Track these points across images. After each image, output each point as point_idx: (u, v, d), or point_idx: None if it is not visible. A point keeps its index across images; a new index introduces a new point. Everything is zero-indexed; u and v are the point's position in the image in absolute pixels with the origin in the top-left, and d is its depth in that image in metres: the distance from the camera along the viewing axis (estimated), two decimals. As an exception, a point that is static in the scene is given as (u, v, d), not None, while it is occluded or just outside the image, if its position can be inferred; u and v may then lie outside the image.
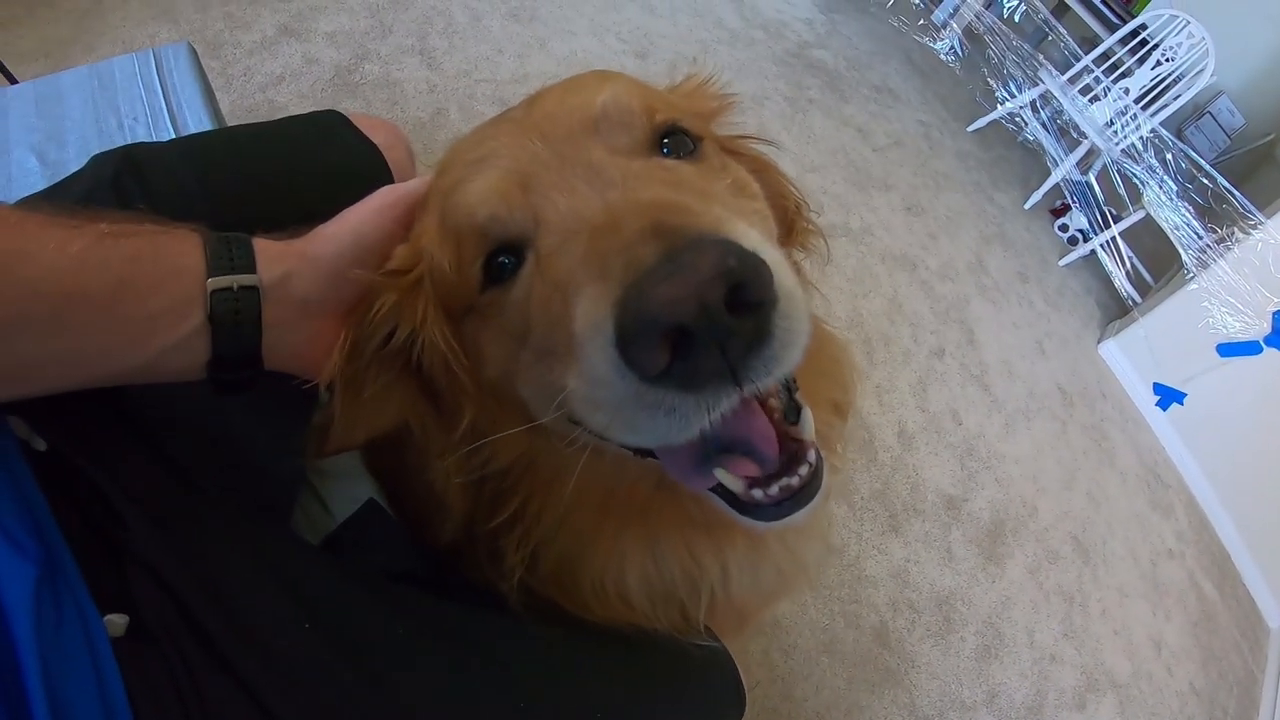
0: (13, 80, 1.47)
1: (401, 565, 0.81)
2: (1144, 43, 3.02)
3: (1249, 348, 2.49)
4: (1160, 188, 2.76)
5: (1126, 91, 2.97)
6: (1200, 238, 2.63)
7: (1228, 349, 2.53)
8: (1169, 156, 2.81)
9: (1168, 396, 2.68)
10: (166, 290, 0.48)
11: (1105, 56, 3.12)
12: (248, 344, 0.53)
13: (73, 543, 0.50)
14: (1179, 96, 2.81)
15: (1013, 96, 3.26)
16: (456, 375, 0.58)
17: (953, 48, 3.72)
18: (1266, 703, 2.23)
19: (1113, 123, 2.99)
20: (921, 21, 3.85)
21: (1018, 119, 3.28)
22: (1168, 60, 2.89)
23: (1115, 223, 2.93)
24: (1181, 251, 2.65)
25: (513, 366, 0.55)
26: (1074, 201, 3.10)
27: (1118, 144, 2.90)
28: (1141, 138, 2.86)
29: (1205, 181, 2.69)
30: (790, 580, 0.76)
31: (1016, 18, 3.70)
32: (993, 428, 2.28)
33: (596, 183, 0.49)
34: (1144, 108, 2.91)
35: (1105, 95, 3.04)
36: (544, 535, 0.64)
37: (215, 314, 0.50)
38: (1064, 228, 3.13)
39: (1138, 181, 2.84)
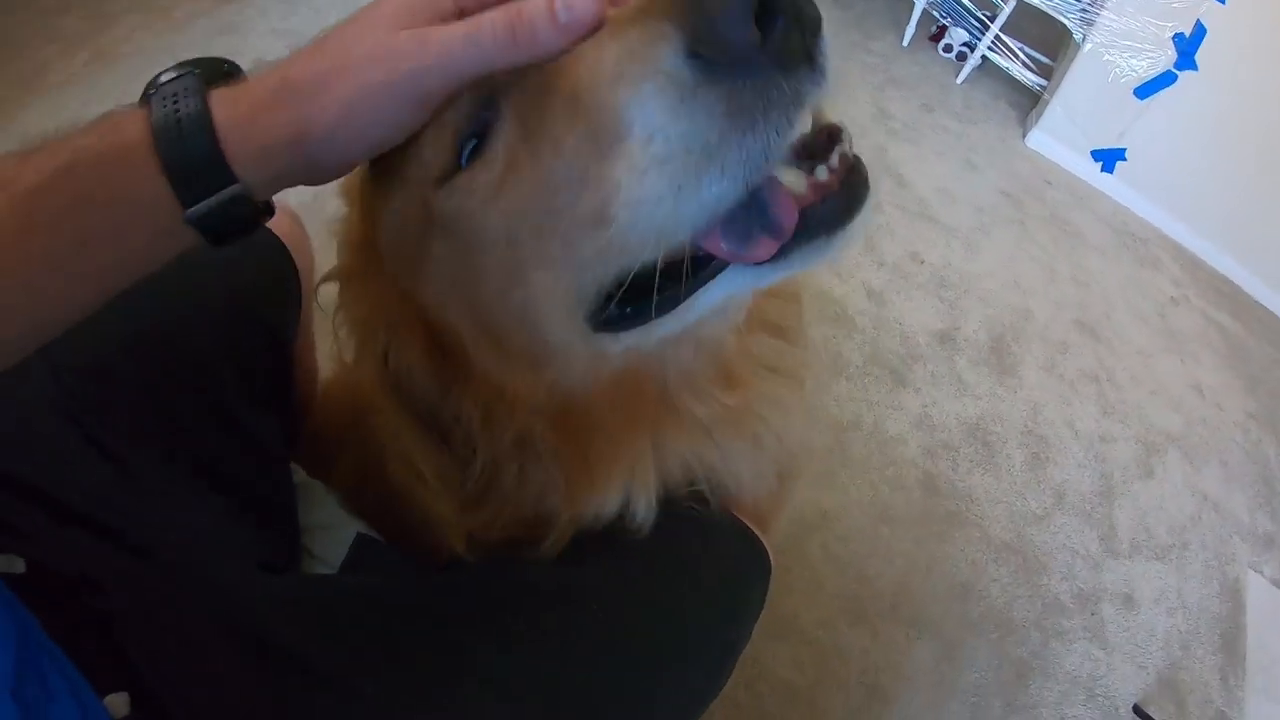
0: None
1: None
2: None
3: (1163, 80, 2.45)
4: (1017, -31, 2.72)
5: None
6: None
7: (1144, 89, 2.48)
8: (1013, -63, 2.76)
9: (1109, 158, 2.64)
10: (139, 229, 0.42)
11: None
12: (250, 227, 0.45)
13: (69, 647, 0.47)
14: (998, -122, 2.77)
15: (848, -51, 3.21)
16: (446, 356, 0.56)
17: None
18: (1323, 399, 2.18)
19: (950, -69, 2.94)
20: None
21: (861, -32, 3.23)
22: None
23: (992, 22, 2.88)
24: (1063, 19, 2.60)
25: (516, 269, 0.49)
26: (948, 20, 3.05)
27: (962, -52, 2.85)
28: (981, -68, 2.82)
29: (1057, -55, 2.64)
30: (792, 464, 0.75)
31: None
32: (955, 254, 2.22)
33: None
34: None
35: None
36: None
37: (206, 232, 0.43)
38: (948, 48, 3.08)
39: (995, -27, 2.79)
